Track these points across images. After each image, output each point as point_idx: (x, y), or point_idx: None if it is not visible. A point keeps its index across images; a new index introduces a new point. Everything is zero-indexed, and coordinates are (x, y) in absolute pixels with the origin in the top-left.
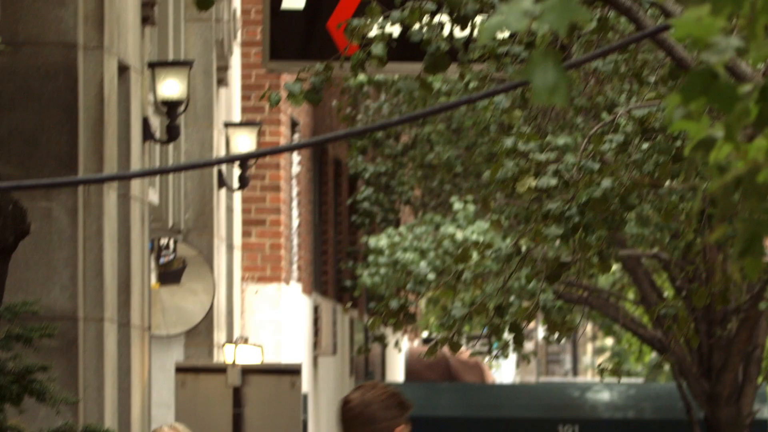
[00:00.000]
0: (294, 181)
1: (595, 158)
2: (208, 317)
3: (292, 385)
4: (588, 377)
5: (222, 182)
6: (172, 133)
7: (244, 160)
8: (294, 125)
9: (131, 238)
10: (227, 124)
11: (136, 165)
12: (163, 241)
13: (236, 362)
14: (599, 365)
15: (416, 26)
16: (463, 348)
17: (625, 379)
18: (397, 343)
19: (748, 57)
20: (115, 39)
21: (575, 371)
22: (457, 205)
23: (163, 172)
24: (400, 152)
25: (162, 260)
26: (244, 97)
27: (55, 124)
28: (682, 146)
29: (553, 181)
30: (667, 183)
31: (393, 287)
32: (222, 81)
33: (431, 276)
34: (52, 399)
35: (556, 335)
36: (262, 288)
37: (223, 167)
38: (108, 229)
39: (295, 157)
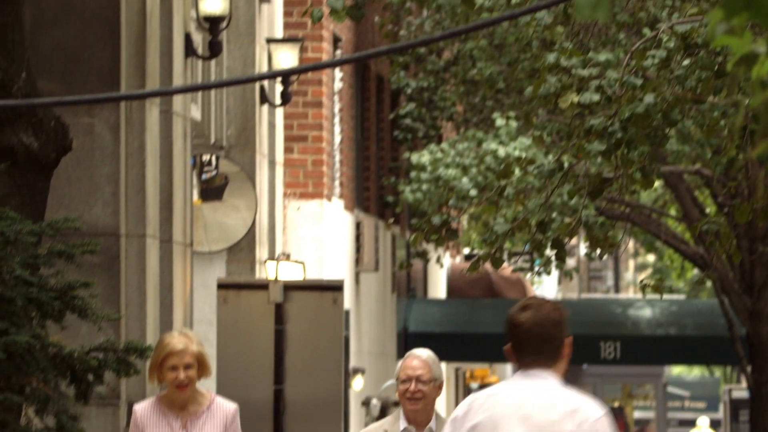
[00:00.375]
0: (336, 97)
1: (637, 74)
2: (250, 233)
3: (334, 302)
4: (630, 294)
5: (264, 98)
6: (214, 49)
7: (286, 76)
8: (336, 41)
9: (173, 155)
10: (269, 40)
11: (178, 81)
12: (205, 158)
13: (278, 278)
14: (641, 282)
15: None
16: (505, 264)
17: (666, 296)
18: (439, 259)
19: None
20: None
21: (617, 288)
22: (500, 121)
23: (205, 88)
24: (442, 68)
25: (204, 176)
26: (287, 13)
27: (98, 40)
28: (725, 62)
29: (596, 97)
30: (710, 99)
31: (435, 203)
32: None
33: (473, 192)
34: (94, 315)
35: (598, 251)
36: (304, 204)
37: (266, 83)
38: (150, 145)
39: (338, 73)
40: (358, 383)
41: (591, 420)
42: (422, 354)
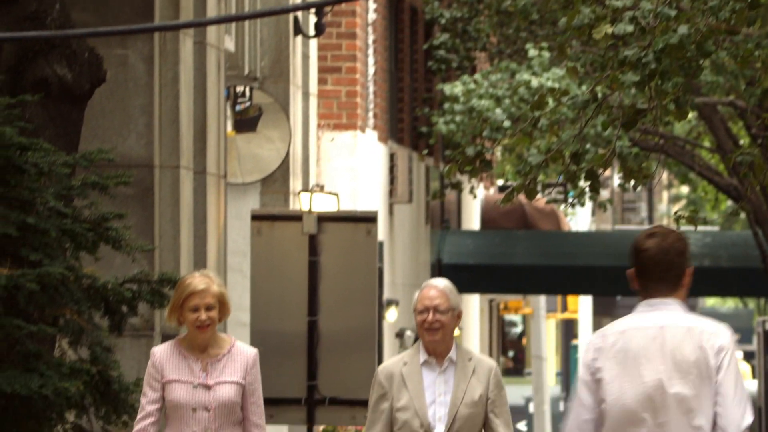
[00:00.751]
0: (370, 29)
1: (671, 5)
2: (284, 165)
3: (368, 233)
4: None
5: (298, 29)
6: None
7: (320, 7)
8: None
9: (207, 86)
10: None
11: (212, 12)
12: (239, 89)
13: (312, 210)
14: (675, 213)
15: None
16: (538, 195)
17: (700, 228)
18: (472, 191)
19: None
20: None
21: (651, 219)
22: (533, 52)
23: (239, 19)
24: None
25: (238, 108)
26: None
27: None
28: None
29: (630, 28)
30: (744, 29)
31: (469, 134)
32: None
33: (507, 123)
34: (128, 247)
35: (632, 183)
36: (338, 135)
37: (299, 14)
38: (184, 76)
39: (371, 4)
40: (391, 315)
41: (720, 342)
42: (439, 283)
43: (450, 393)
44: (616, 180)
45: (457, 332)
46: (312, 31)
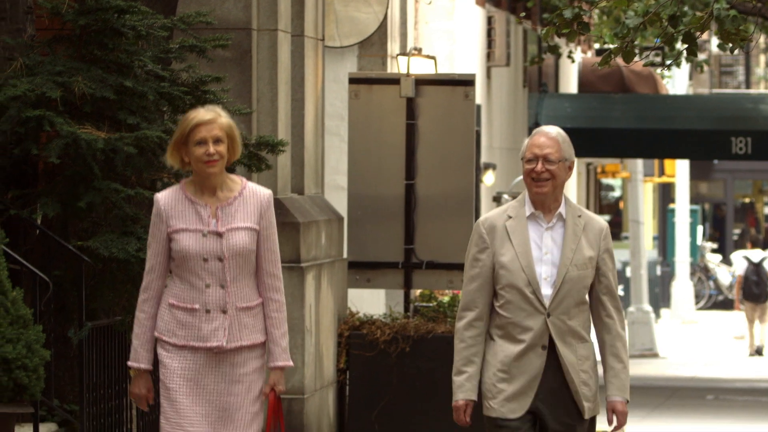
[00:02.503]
0: None
1: None
2: (382, 28)
3: (466, 96)
4: (761, 89)
5: None
6: None
7: None
8: None
9: None
10: None
11: None
12: None
13: (410, 73)
14: None
15: None
16: (636, 58)
17: None
18: (570, 54)
19: None
20: None
21: (748, 83)
22: None
23: None
24: None
25: None
26: None
27: None
28: None
29: None
30: None
31: None
32: None
33: None
34: (226, 110)
35: (729, 46)
36: None
37: None
38: None
39: None
40: (489, 178)
41: None
42: (551, 131)
43: (559, 251)
44: (714, 43)
45: None
46: None
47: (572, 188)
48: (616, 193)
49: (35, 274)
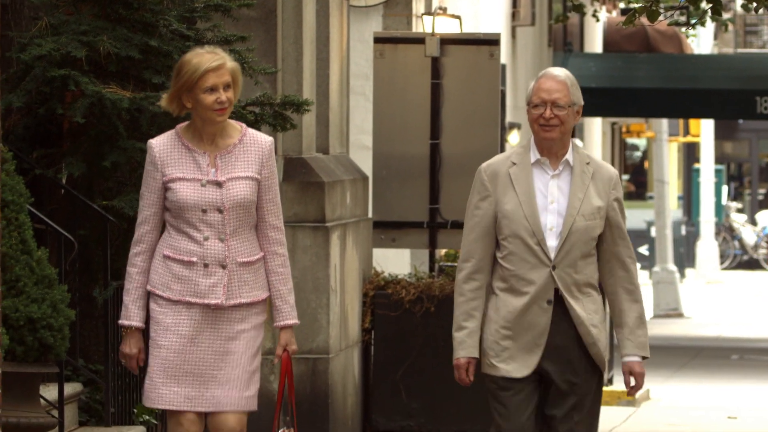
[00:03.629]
0: None
1: None
2: None
3: (491, 56)
4: None
5: None
6: None
7: None
8: None
9: None
10: None
11: None
12: None
13: (435, 32)
14: None
15: None
16: (661, 18)
17: None
18: (595, 13)
19: None
20: None
21: None
22: None
23: None
24: None
25: None
26: None
27: None
28: None
29: None
30: None
31: None
32: None
33: None
34: (251, 69)
35: (754, 5)
36: None
37: None
38: None
39: None
40: (514, 138)
41: None
42: (559, 74)
43: (565, 200)
44: (739, 2)
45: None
46: None
47: (597, 148)
48: (641, 153)
49: (60, 234)
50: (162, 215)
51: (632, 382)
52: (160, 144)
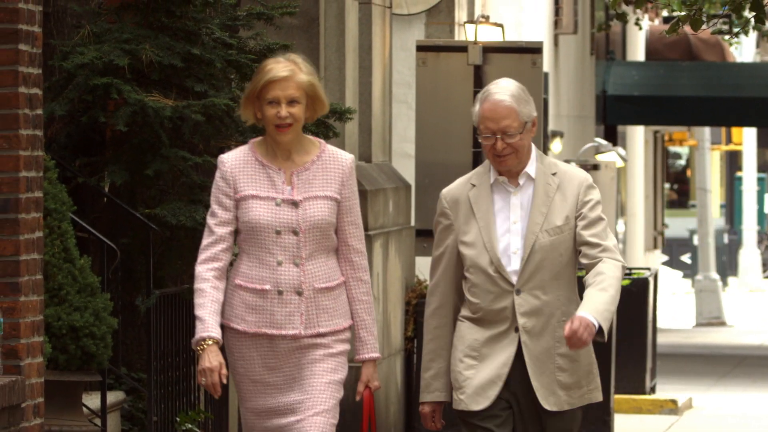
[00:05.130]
0: None
1: None
2: None
3: (534, 64)
4: None
5: None
6: None
7: None
8: None
9: None
10: None
11: None
12: None
13: (477, 40)
14: None
15: None
16: (703, 26)
17: None
18: (637, 21)
19: None
20: None
21: None
22: None
23: None
24: None
25: None
26: None
27: None
28: None
29: None
30: None
31: None
32: None
33: None
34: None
35: None
36: None
37: None
38: None
39: None
40: (556, 146)
41: None
42: (503, 97)
43: (527, 217)
44: None
45: (621, 164)
46: None
47: (639, 156)
48: (684, 161)
49: (103, 242)
50: (233, 234)
51: (568, 329)
52: (231, 159)
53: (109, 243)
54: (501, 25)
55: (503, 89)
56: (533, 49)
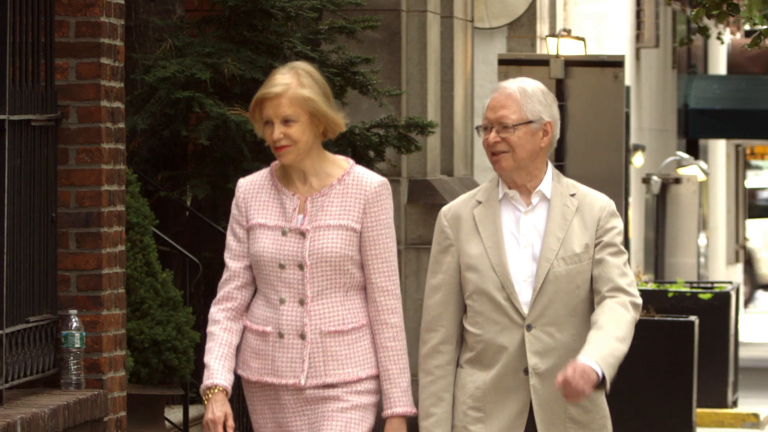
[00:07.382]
0: None
1: None
2: (531, 9)
3: (615, 77)
4: None
5: None
6: None
7: None
8: None
9: None
10: None
11: None
12: None
13: (559, 54)
14: None
15: None
16: None
17: None
18: (719, 35)
19: None
20: None
21: None
22: None
23: None
24: None
25: None
26: None
27: None
28: None
29: None
30: None
31: None
32: None
33: None
34: (375, 92)
35: None
36: None
37: None
38: None
39: None
40: (638, 160)
41: None
42: (510, 85)
43: (540, 242)
44: None
45: (702, 178)
46: None
47: (721, 170)
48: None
49: (185, 256)
50: (251, 269)
51: (561, 377)
52: (246, 183)
53: (191, 257)
54: (583, 39)
55: (514, 81)
56: (615, 63)
